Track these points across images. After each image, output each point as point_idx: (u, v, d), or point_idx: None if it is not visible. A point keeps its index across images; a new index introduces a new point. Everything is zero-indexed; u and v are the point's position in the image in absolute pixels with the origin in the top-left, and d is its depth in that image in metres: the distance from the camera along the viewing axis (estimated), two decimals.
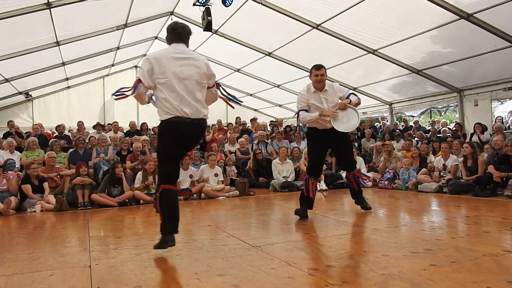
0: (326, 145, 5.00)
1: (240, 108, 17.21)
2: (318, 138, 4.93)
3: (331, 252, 3.21)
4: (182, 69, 3.35)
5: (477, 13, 7.29)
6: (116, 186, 7.02)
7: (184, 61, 3.40)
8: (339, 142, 4.94)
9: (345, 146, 5.11)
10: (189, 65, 3.40)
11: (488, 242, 3.43)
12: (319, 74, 4.76)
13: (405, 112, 13.06)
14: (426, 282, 2.42)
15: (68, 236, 4.45)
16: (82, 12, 8.32)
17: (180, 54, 3.43)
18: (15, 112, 14.06)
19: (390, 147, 8.96)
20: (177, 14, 10.44)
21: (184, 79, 3.35)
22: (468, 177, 7.12)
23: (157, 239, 4.00)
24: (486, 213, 5.05)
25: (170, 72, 3.32)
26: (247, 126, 13.19)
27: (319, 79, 4.76)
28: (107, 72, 15.09)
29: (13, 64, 9.41)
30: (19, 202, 6.67)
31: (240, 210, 6.14)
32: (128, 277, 2.75)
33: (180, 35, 3.52)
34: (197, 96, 3.40)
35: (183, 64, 3.37)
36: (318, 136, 4.91)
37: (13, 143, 8.49)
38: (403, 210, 5.77)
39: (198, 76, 3.42)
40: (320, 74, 4.76)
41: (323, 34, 9.43)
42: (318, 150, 5.01)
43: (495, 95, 9.94)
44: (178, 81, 3.33)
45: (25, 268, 3.08)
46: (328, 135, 4.83)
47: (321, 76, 4.76)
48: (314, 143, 5.01)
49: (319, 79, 4.76)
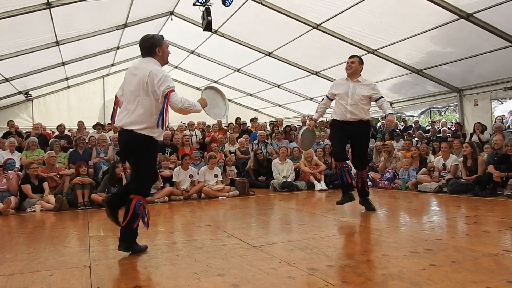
0: (345, 133, 5.07)
1: (240, 108, 17.26)
2: (338, 127, 5.09)
3: (331, 252, 3.22)
4: (129, 81, 3.43)
5: (477, 13, 7.29)
6: (116, 186, 7.02)
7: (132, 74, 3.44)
8: (358, 137, 5.06)
9: (362, 143, 5.20)
10: (134, 77, 3.39)
11: (488, 242, 3.43)
12: (349, 61, 5.02)
13: (405, 112, 13.06)
14: (426, 282, 2.42)
15: (68, 236, 4.46)
16: (82, 12, 8.32)
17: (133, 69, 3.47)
18: (15, 111, 14.08)
19: (390, 147, 8.95)
20: (177, 14, 10.45)
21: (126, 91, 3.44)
22: (468, 177, 7.12)
23: (156, 239, 4.03)
24: (486, 213, 5.05)
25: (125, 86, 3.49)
26: (247, 126, 13.18)
27: (348, 66, 5.00)
28: (107, 72, 15.10)
29: (13, 63, 9.42)
30: (19, 202, 6.67)
31: (240, 210, 6.14)
32: (128, 277, 2.75)
33: (141, 50, 3.52)
34: (130, 107, 3.34)
35: (129, 78, 3.44)
36: (338, 125, 5.08)
37: (13, 143, 8.49)
38: (403, 210, 5.77)
39: (137, 87, 3.33)
40: (350, 62, 5.01)
41: (323, 34, 9.43)
42: (338, 134, 5.12)
43: (495, 94, 9.95)
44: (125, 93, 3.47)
45: (25, 268, 3.08)
46: (347, 127, 4.97)
47: (351, 64, 4.98)
48: (334, 130, 5.21)
49: (348, 66, 5.00)
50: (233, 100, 17.42)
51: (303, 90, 13.61)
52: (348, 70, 5.02)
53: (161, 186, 7.39)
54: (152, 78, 3.25)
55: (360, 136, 5.08)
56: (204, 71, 14.62)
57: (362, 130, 5.05)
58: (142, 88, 3.29)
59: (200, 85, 16.07)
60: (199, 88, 16.17)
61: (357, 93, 4.91)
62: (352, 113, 4.91)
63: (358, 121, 4.97)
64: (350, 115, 4.91)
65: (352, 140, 5.13)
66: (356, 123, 4.97)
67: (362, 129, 5.06)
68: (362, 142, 5.20)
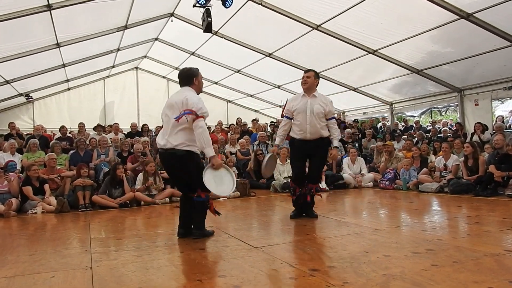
0: (304, 153, 4.92)
1: (240, 109, 17.27)
2: (296, 146, 4.93)
3: (333, 253, 3.21)
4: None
5: (477, 13, 7.29)
6: (117, 187, 7.03)
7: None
8: (316, 154, 4.90)
9: (320, 159, 5.00)
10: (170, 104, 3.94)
11: (489, 242, 3.43)
12: (305, 76, 4.82)
13: (405, 112, 13.06)
14: (427, 282, 2.42)
15: (69, 237, 4.45)
16: (82, 14, 8.33)
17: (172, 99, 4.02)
18: (15, 113, 14.09)
19: (391, 147, 8.95)
20: (177, 16, 10.46)
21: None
22: (469, 176, 7.11)
23: (158, 240, 4.03)
24: (487, 212, 5.05)
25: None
26: (247, 127, 13.19)
27: (304, 80, 4.81)
28: (107, 73, 15.11)
29: (14, 66, 9.43)
30: (20, 204, 6.68)
31: (241, 211, 6.14)
32: (130, 279, 2.75)
33: (180, 81, 4.07)
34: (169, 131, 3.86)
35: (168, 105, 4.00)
36: (297, 145, 4.90)
37: (14, 145, 8.49)
38: (404, 210, 5.77)
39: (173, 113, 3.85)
40: (305, 76, 4.81)
41: (323, 35, 9.43)
42: (298, 158, 4.99)
43: (496, 94, 9.95)
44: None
45: (26, 270, 3.08)
46: (307, 145, 4.80)
47: (306, 78, 4.79)
48: (294, 151, 5.06)
49: (303, 80, 4.81)
50: (233, 101, 17.45)
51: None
52: (303, 85, 4.80)
53: (162, 188, 7.38)
54: (186, 100, 3.75)
55: (319, 153, 4.90)
56: (204, 73, 14.38)
57: (321, 146, 4.85)
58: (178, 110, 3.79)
59: None
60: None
61: (315, 110, 4.71)
62: (311, 132, 4.73)
63: (318, 139, 4.80)
64: (310, 135, 4.73)
65: (311, 156, 4.93)
66: (316, 141, 4.79)
67: (321, 145, 4.86)
68: (320, 158, 4.99)
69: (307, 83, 4.78)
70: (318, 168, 5.10)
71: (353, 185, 8.59)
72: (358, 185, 8.60)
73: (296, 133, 4.86)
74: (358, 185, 8.59)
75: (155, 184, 7.27)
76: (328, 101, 4.88)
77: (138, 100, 16.17)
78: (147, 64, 15.56)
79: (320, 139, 4.82)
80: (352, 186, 8.57)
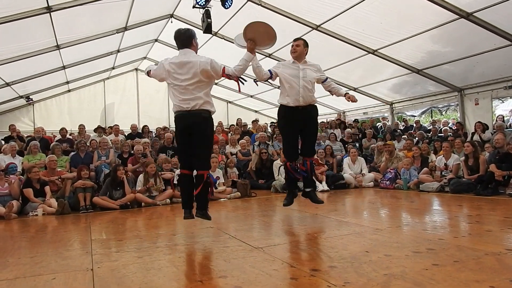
0: (297, 124, 4.76)
1: (240, 110, 17.27)
2: (289, 116, 4.76)
3: (333, 253, 3.21)
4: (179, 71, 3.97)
5: (477, 12, 7.29)
6: (117, 189, 7.03)
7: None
8: (309, 124, 4.81)
9: (313, 129, 4.94)
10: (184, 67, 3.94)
11: (490, 241, 3.42)
12: (294, 44, 4.84)
13: (405, 112, 13.06)
14: (428, 281, 2.42)
15: (70, 239, 4.46)
16: (82, 16, 8.34)
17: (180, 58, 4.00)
18: (16, 116, 14.10)
19: (391, 147, 8.95)
20: (177, 17, 10.47)
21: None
22: (470, 176, 7.11)
23: (159, 241, 4.03)
24: (488, 212, 5.04)
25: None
26: (248, 127, 13.18)
27: (293, 49, 4.82)
28: (107, 75, 15.13)
29: (14, 68, 9.44)
30: (21, 206, 6.68)
31: (241, 211, 6.14)
32: (131, 280, 2.75)
33: (178, 42, 4.05)
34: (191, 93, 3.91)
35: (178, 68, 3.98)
36: (289, 114, 4.74)
37: (15, 147, 8.49)
38: (405, 210, 5.76)
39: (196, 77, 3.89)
40: (295, 45, 4.83)
41: (323, 35, 9.44)
42: (290, 128, 4.81)
43: (496, 93, 9.95)
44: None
45: (27, 272, 3.08)
46: (299, 115, 4.68)
47: (296, 47, 4.81)
48: (285, 123, 4.87)
49: (293, 49, 4.82)
50: (233, 102, 17.44)
51: None
52: (293, 53, 4.81)
53: (163, 189, 7.38)
54: (205, 64, 3.89)
55: (311, 122, 4.84)
56: None
57: (313, 115, 4.80)
58: (202, 77, 3.89)
59: None
60: None
61: (308, 75, 4.69)
62: (304, 96, 4.63)
63: (309, 106, 4.73)
64: (302, 99, 4.63)
65: (304, 127, 4.79)
66: (308, 108, 4.72)
67: (313, 114, 4.81)
68: (313, 128, 4.95)
69: (296, 52, 4.79)
70: (312, 138, 5.02)
71: (354, 185, 8.58)
72: (359, 185, 8.59)
73: (287, 99, 4.69)
74: (359, 185, 8.59)
75: (156, 185, 7.27)
76: (318, 66, 4.92)
77: (138, 101, 16.18)
78: (148, 65, 15.56)
79: (311, 106, 4.76)
80: (352, 186, 8.57)
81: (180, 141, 4.17)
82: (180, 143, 4.20)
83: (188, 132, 3.97)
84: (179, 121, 4.01)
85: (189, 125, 3.94)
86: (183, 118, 3.96)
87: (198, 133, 3.96)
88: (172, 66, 3.97)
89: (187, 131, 3.98)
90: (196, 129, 3.94)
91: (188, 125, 3.95)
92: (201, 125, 3.95)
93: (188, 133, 3.98)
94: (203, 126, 3.97)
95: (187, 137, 4.00)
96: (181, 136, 4.08)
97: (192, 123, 3.92)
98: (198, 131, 3.95)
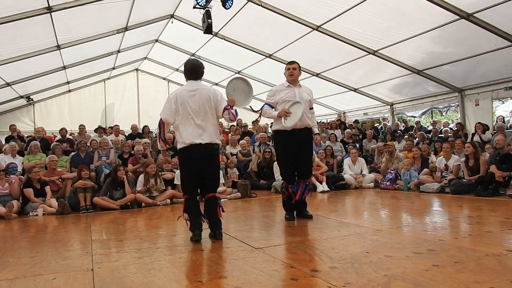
0: (293, 147, 4.78)
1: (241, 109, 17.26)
2: (285, 140, 4.78)
3: (334, 254, 3.21)
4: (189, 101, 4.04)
5: (477, 13, 7.29)
6: (118, 189, 7.03)
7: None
8: (305, 146, 4.83)
9: (309, 152, 4.98)
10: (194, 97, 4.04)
11: (491, 242, 3.42)
12: (291, 67, 4.80)
13: (406, 113, 13.06)
14: (429, 282, 2.42)
15: (71, 239, 4.46)
16: (83, 16, 8.35)
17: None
18: (16, 116, 14.12)
19: (392, 147, 8.94)
20: (177, 17, 10.48)
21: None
22: (470, 177, 7.10)
23: (159, 242, 4.03)
24: (488, 213, 5.04)
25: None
26: (248, 128, 13.18)
27: (290, 72, 4.78)
28: (108, 75, 15.14)
29: (14, 68, 9.45)
30: (21, 206, 6.68)
31: (242, 212, 6.14)
32: (131, 280, 2.75)
33: (193, 74, 4.34)
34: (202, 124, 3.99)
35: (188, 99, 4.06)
36: (286, 138, 4.77)
37: (15, 147, 8.49)
38: (405, 210, 5.76)
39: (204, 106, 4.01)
40: (292, 68, 4.79)
41: (324, 36, 9.44)
42: (288, 152, 4.82)
43: (496, 94, 9.95)
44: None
45: (27, 272, 3.08)
46: (296, 137, 4.72)
47: (293, 70, 4.78)
48: (282, 146, 4.87)
49: (290, 72, 4.79)
50: None
51: None
52: (290, 76, 4.77)
53: (163, 189, 7.38)
54: (221, 97, 4.08)
55: (307, 145, 4.87)
56: (205, 74, 14.44)
57: (309, 137, 4.86)
58: (209, 107, 3.99)
59: None
60: None
61: (304, 98, 4.70)
62: (301, 119, 4.63)
63: (305, 129, 4.76)
64: (300, 123, 4.64)
65: (300, 150, 4.80)
66: (304, 131, 4.75)
67: (309, 136, 4.86)
68: (309, 151, 4.98)
69: (293, 75, 4.79)
70: (310, 162, 5.07)
71: (354, 186, 8.58)
72: (359, 185, 8.59)
73: (283, 124, 4.68)
74: (359, 186, 8.58)
75: (156, 186, 7.27)
76: (311, 91, 4.96)
77: (139, 101, 16.19)
78: (148, 66, 15.58)
79: (307, 129, 4.80)
80: (353, 187, 8.57)
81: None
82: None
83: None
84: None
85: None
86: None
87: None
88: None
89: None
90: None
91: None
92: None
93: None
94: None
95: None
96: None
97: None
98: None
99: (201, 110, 3.95)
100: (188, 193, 4.07)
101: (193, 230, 3.97)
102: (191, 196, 4.05)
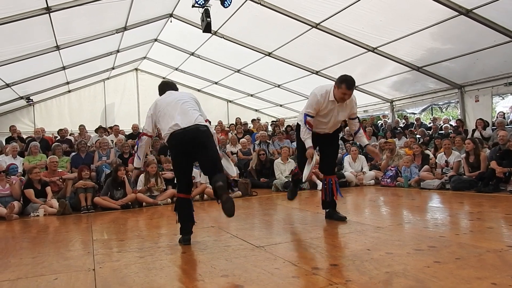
0: (317, 144, 4.76)
1: (241, 109, 17.27)
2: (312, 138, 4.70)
3: (335, 251, 3.21)
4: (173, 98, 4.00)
5: (476, 9, 7.27)
6: (118, 189, 7.04)
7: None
8: (330, 144, 4.82)
9: (334, 147, 4.93)
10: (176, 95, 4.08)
11: (492, 238, 3.42)
12: (348, 93, 4.43)
13: (406, 109, 13.05)
14: (430, 279, 2.42)
15: (72, 239, 4.46)
16: (82, 16, 8.33)
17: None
18: (16, 117, 14.10)
19: (392, 145, 8.95)
20: (176, 16, 10.46)
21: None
22: (471, 173, 7.10)
23: (160, 241, 4.03)
24: (489, 209, 5.04)
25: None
26: (248, 126, 13.18)
27: (345, 97, 4.44)
28: (107, 75, 15.12)
29: (14, 69, 9.43)
30: (22, 207, 6.69)
31: (242, 210, 6.14)
32: (132, 280, 2.75)
33: (171, 89, 4.29)
34: (187, 111, 3.85)
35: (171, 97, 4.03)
36: (313, 137, 4.65)
37: (16, 148, 8.49)
38: (406, 207, 5.76)
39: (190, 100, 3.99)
40: (349, 94, 4.45)
41: (323, 33, 9.43)
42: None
43: (496, 90, 9.94)
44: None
45: (29, 272, 3.09)
46: (319, 138, 4.71)
47: (348, 96, 4.48)
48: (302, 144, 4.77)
49: (346, 98, 4.46)
50: (234, 101, 17.45)
51: (304, 90, 13.60)
52: (342, 100, 4.47)
53: (164, 189, 7.39)
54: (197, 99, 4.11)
55: (334, 142, 4.88)
56: (204, 73, 14.64)
57: (335, 136, 4.88)
58: (193, 99, 4.01)
59: (200, 86, 16.08)
60: (200, 90, 16.18)
61: (339, 117, 4.64)
62: (331, 129, 4.69)
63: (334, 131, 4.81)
64: (328, 130, 4.68)
65: (324, 145, 4.80)
66: (332, 133, 4.78)
67: (336, 135, 4.88)
68: (336, 146, 4.97)
69: (345, 100, 4.49)
70: (334, 156, 4.98)
71: (355, 183, 8.58)
72: (360, 183, 8.59)
73: (314, 127, 4.65)
74: (360, 183, 8.59)
75: (157, 185, 7.27)
76: (354, 103, 4.72)
77: (139, 101, 16.18)
78: (147, 65, 15.57)
79: (336, 131, 4.82)
80: (353, 184, 8.57)
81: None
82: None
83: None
84: None
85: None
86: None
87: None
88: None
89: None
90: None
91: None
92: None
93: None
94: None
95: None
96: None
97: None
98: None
99: (185, 97, 3.97)
100: (182, 191, 3.83)
101: (182, 234, 3.80)
102: (184, 195, 3.83)
